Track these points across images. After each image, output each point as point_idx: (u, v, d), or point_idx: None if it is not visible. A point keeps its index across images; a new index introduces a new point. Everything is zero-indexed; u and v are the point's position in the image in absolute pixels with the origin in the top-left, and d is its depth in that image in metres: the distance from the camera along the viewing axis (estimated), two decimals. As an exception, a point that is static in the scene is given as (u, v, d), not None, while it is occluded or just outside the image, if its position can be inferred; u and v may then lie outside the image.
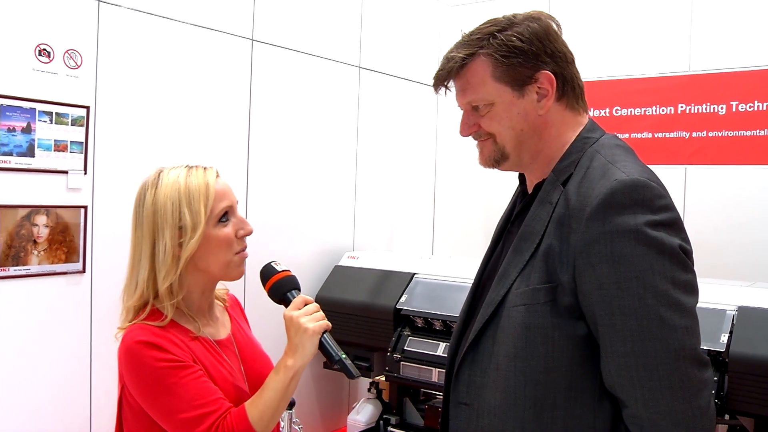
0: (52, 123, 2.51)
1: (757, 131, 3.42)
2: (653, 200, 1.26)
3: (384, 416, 3.46)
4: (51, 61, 2.51)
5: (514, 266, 1.37)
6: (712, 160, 3.48)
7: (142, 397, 1.51)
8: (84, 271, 2.62)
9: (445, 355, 3.06)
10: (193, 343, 1.56)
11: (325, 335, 1.57)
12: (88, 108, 2.61)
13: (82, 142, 2.60)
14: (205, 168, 1.62)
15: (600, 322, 1.26)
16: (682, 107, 3.59)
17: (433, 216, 4.56)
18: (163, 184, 1.59)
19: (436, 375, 3.11)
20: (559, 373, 1.29)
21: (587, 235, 1.26)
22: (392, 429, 3.41)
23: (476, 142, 1.49)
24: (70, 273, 2.59)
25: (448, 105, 4.48)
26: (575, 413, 1.29)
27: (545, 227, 1.34)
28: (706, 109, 3.53)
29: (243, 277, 1.66)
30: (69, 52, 2.56)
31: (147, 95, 2.82)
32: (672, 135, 3.59)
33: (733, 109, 3.47)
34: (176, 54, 2.92)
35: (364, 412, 3.47)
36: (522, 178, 1.56)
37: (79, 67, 2.59)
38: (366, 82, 3.93)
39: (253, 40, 3.23)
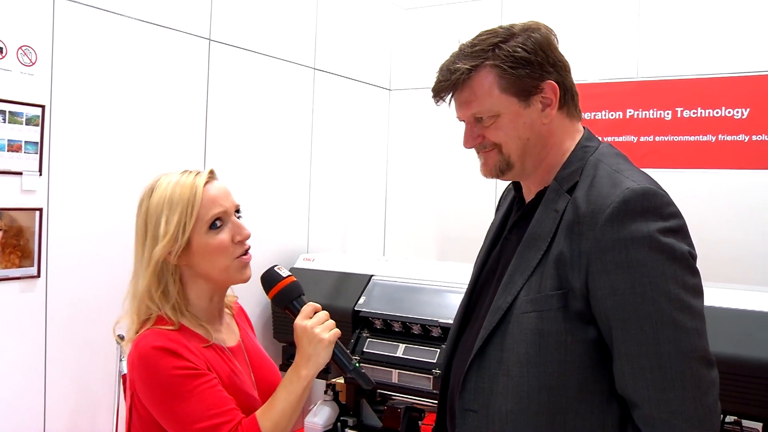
0: (5, 122, 2.42)
1: (701, 136, 3.56)
2: (663, 208, 1.30)
3: (341, 418, 3.45)
4: (4, 57, 2.42)
5: (520, 273, 1.37)
6: (658, 164, 3.59)
7: (154, 404, 1.47)
8: (39, 275, 2.54)
9: (406, 356, 3.12)
10: (206, 350, 1.53)
11: (337, 344, 1.54)
12: (43, 107, 2.53)
13: (38, 143, 2.52)
14: (197, 173, 1.58)
15: (614, 326, 1.29)
16: (630, 112, 3.70)
17: (384, 218, 4.58)
18: (155, 193, 1.56)
19: (395, 376, 3.13)
20: (571, 377, 1.32)
21: (601, 242, 1.28)
22: (350, 431, 3.41)
23: (478, 153, 1.48)
24: (24, 278, 2.50)
25: (400, 107, 4.53)
26: (585, 415, 1.32)
27: (553, 234, 1.36)
28: (653, 114, 3.65)
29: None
30: (23, 48, 2.47)
31: (104, 94, 2.74)
32: (621, 139, 3.70)
33: (679, 115, 3.60)
34: (134, 52, 2.85)
35: (321, 414, 3.45)
36: (517, 186, 1.56)
37: (33, 64, 2.50)
38: (320, 83, 3.92)
39: (210, 40, 3.18)
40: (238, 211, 1.63)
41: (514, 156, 1.42)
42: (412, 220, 4.54)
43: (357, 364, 1.55)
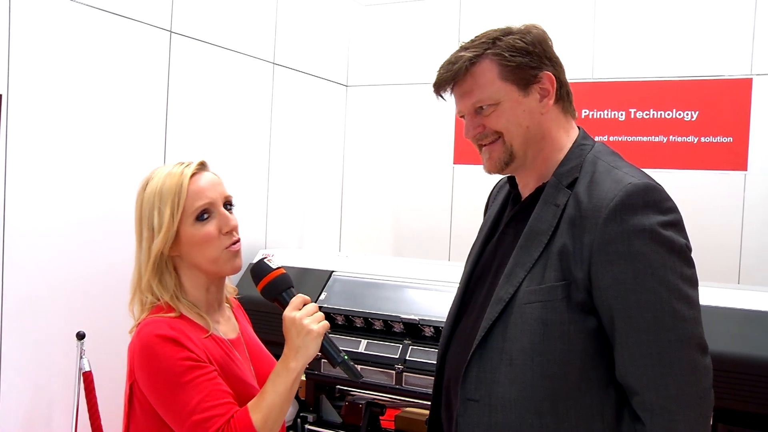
0: (-39, 111, 2.34)
1: (653, 137, 3.67)
2: (663, 202, 1.35)
3: (301, 414, 3.44)
4: (-41, 44, 2.34)
5: (522, 265, 1.41)
6: (612, 164, 3.69)
7: (153, 393, 1.45)
8: (-5, 270, 2.46)
9: (368, 352, 3.13)
10: (206, 341, 1.51)
11: (325, 336, 1.52)
12: (0, 96, 2.44)
13: (-6, 133, 2.44)
14: (187, 165, 1.57)
15: (616, 315, 1.33)
16: (585, 112, 3.79)
17: (340, 214, 4.58)
18: (149, 185, 1.57)
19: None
20: (573, 365, 1.36)
21: (605, 235, 1.33)
22: (310, 427, 3.40)
23: (481, 148, 1.49)
24: (-20, 272, 2.42)
25: (357, 104, 4.53)
26: (586, 402, 1.37)
27: (554, 228, 1.40)
28: (607, 115, 3.75)
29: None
30: (-21, 35, 2.39)
31: (64, 85, 2.67)
32: (576, 139, 3.79)
33: (632, 116, 3.71)
34: (95, 43, 2.78)
35: (280, 411, 3.43)
36: (512, 183, 1.59)
37: (-10, 52, 2.42)
38: (279, 78, 3.89)
39: (171, 32, 3.13)
40: (230, 203, 1.62)
41: (516, 144, 1.45)
42: (368, 217, 4.56)
43: (345, 357, 1.54)
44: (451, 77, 1.45)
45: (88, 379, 2.55)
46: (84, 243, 2.77)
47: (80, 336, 2.58)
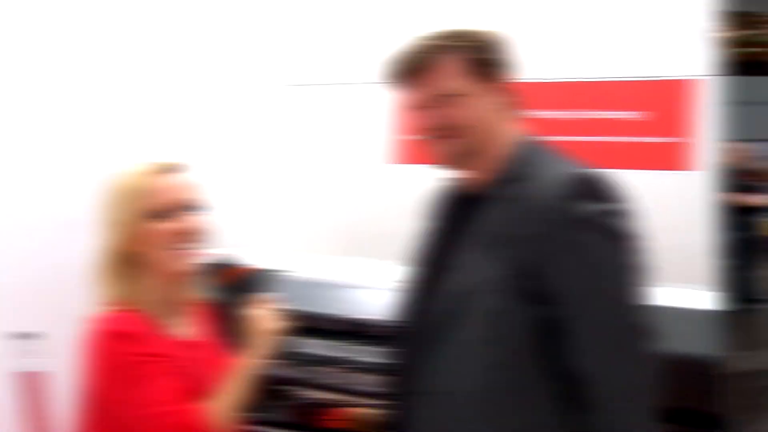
0: None
1: (599, 137, 3.71)
2: (603, 191, 1.42)
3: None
4: None
5: (472, 259, 1.45)
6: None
7: (107, 390, 1.51)
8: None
9: (315, 352, 3.10)
10: (162, 339, 1.54)
11: (283, 333, 1.65)
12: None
13: None
14: (157, 164, 1.63)
15: (565, 304, 1.39)
16: (532, 112, 3.80)
17: (278, 211, 4.51)
18: (114, 181, 1.62)
19: (303, 371, 3.12)
20: (524, 354, 1.41)
21: (550, 225, 1.37)
22: (255, 428, 3.36)
23: (434, 142, 1.53)
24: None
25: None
26: (539, 391, 1.42)
27: (503, 222, 1.44)
28: (553, 114, 3.77)
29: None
30: None
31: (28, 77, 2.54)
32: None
33: (578, 116, 3.75)
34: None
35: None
36: (457, 180, 1.64)
37: None
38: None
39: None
40: (196, 206, 1.64)
41: (474, 139, 1.51)
42: (311, 216, 4.49)
43: (301, 354, 1.61)
44: (412, 67, 1.48)
45: (32, 379, 2.46)
46: (39, 240, 2.64)
47: (25, 336, 2.48)
